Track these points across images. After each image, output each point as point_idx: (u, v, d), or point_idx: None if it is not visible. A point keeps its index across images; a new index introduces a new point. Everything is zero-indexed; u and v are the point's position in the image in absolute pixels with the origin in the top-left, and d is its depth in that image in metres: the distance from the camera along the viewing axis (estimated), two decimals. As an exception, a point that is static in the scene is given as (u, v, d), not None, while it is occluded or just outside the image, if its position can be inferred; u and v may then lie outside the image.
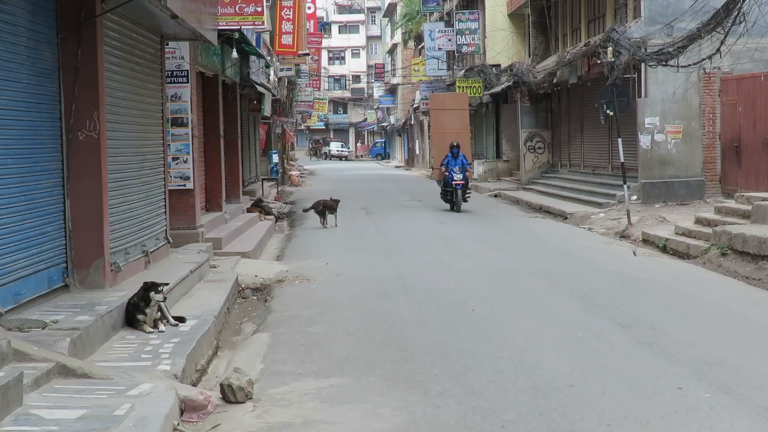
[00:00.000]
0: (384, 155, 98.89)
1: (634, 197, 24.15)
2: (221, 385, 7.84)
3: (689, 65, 22.66)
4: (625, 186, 22.01)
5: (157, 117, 13.70)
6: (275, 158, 39.70)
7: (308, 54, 47.35)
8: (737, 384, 7.95)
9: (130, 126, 12.09)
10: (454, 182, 27.08)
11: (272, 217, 24.81)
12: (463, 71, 46.96)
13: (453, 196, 27.26)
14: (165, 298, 9.69)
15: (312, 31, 53.51)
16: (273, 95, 35.41)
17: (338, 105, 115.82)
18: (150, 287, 9.64)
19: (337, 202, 24.00)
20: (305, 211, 25.22)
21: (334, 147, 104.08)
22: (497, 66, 41.73)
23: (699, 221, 18.34)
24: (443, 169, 27.77)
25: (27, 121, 9.18)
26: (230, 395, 7.73)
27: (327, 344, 10.03)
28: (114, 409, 6.56)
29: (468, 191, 27.92)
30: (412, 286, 13.94)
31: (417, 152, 70.29)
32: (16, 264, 8.80)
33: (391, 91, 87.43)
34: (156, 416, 6.48)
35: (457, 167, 27.01)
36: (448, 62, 52.18)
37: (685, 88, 24.73)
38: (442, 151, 29.41)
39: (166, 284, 10.23)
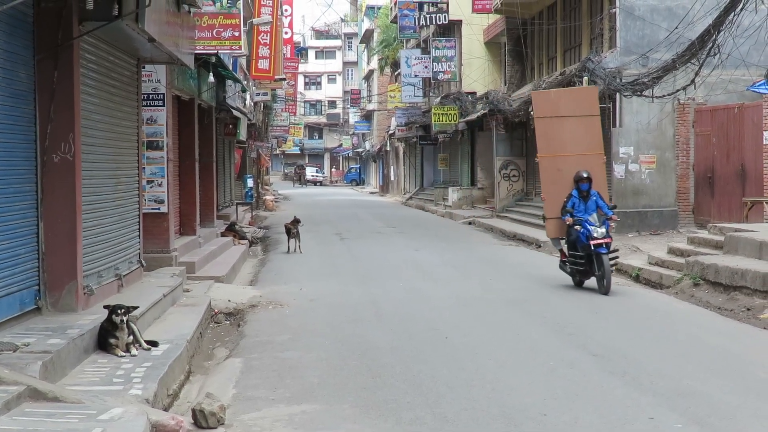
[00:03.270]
0: (359, 181, 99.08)
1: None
2: (193, 410, 7.79)
3: (664, 96, 22.82)
4: (598, 215, 21.95)
5: (133, 140, 13.67)
6: (250, 182, 39.67)
7: (284, 79, 47.37)
8: (709, 414, 7.99)
9: (106, 149, 12.07)
10: (592, 242, 15.51)
11: (246, 241, 24.77)
12: (439, 98, 47.15)
13: (592, 265, 15.72)
14: (123, 321, 9.50)
15: (289, 56, 53.59)
16: (249, 119, 35.41)
17: (314, 130, 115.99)
18: (112, 310, 9.58)
19: (297, 222, 23.73)
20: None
21: (309, 172, 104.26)
22: (473, 93, 41.98)
23: (672, 251, 18.43)
24: (568, 219, 16.10)
25: (1, 143, 9.13)
26: (202, 420, 7.69)
27: (300, 370, 10.00)
28: (84, 433, 6.52)
29: (615, 254, 16.40)
30: (385, 312, 13.94)
31: (392, 178, 70.38)
32: (-13, 286, 8.74)
33: (367, 117, 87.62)
34: (127, 441, 6.45)
35: (594, 215, 15.92)
36: (424, 89, 52.38)
37: (659, 119, 24.93)
38: (559, 187, 16.77)
39: (136, 307, 10.17)
